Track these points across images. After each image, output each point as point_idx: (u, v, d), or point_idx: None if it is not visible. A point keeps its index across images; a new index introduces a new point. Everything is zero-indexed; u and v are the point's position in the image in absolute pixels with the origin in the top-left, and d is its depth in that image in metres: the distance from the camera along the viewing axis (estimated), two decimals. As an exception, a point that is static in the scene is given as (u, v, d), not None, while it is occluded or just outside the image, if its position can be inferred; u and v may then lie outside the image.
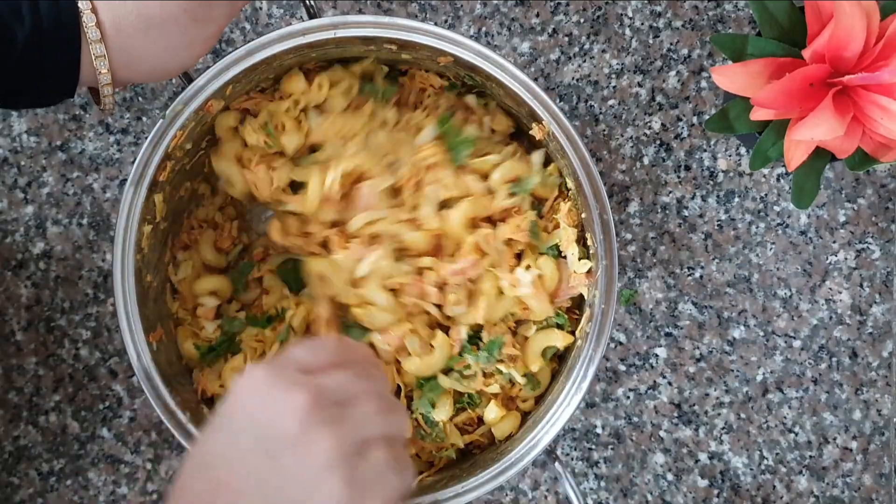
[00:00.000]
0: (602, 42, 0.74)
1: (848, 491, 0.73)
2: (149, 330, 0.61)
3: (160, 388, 0.60)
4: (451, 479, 0.61)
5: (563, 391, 0.61)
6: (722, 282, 0.73)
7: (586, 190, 0.61)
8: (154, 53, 0.53)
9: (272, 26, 0.74)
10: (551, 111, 0.61)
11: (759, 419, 0.73)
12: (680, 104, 0.74)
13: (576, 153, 0.61)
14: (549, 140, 0.62)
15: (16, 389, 0.72)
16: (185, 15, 0.52)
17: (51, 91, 0.53)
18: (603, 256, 0.60)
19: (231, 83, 0.61)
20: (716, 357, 0.73)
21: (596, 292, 0.61)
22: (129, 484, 0.72)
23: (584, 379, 0.60)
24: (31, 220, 0.73)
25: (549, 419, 0.61)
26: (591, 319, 0.61)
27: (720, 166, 0.74)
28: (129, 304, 0.60)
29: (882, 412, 0.73)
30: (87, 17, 0.51)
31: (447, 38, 0.61)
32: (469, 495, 0.60)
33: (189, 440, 0.61)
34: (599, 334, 0.60)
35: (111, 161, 0.73)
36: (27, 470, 0.72)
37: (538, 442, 0.60)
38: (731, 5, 0.74)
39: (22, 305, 0.73)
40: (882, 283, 0.73)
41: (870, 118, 0.57)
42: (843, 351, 0.73)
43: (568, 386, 0.61)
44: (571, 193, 0.65)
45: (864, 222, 0.73)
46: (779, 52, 0.59)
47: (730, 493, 0.73)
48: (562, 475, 0.61)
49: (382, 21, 0.61)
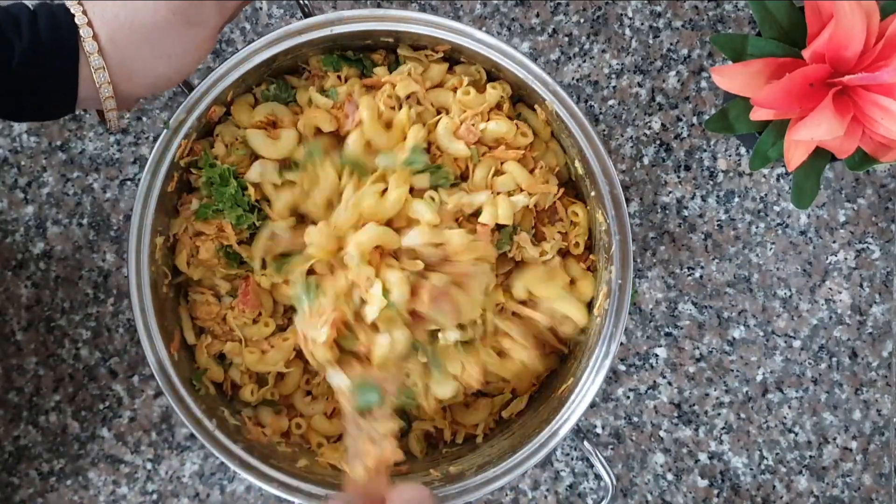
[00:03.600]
0: (602, 42, 0.74)
1: (848, 491, 0.73)
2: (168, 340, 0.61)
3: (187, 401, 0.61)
4: (481, 466, 0.61)
5: (586, 369, 0.61)
6: (722, 282, 0.73)
7: (594, 166, 0.61)
8: (152, 61, 0.53)
9: (272, 26, 0.74)
10: (553, 90, 0.61)
11: (759, 419, 0.73)
12: (680, 104, 0.74)
13: (581, 131, 0.61)
14: (553, 121, 0.62)
15: (16, 389, 0.72)
16: (176, 19, 0.52)
17: (50, 105, 0.53)
18: (616, 232, 0.61)
19: (231, 88, 0.61)
20: (716, 357, 0.73)
21: (612, 268, 0.61)
22: (129, 484, 0.72)
23: (607, 356, 0.61)
24: (32, 220, 0.73)
25: (575, 398, 0.61)
26: (608, 296, 0.61)
27: (720, 166, 0.74)
28: (147, 314, 0.61)
29: (882, 412, 0.73)
30: (83, 30, 0.51)
31: (446, 27, 0.61)
32: (501, 480, 0.60)
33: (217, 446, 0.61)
34: (619, 310, 0.61)
35: (111, 161, 0.73)
36: (27, 470, 0.72)
37: (567, 420, 0.61)
38: (731, 5, 0.74)
39: (22, 305, 0.73)
40: (882, 283, 0.73)
41: (870, 118, 0.57)
42: (842, 351, 0.73)
43: (591, 363, 0.61)
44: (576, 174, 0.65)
45: (864, 222, 0.73)
46: (779, 52, 0.59)
47: (730, 493, 0.73)
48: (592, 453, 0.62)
49: (378, 14, 0.61)
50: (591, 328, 0.64)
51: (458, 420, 0.67)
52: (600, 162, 0.61)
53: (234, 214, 0.63)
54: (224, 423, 0.62)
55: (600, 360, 0.61)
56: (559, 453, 0.73)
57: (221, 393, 0.66)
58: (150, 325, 0.61)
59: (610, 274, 0.61)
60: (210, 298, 0.65)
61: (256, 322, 0.65)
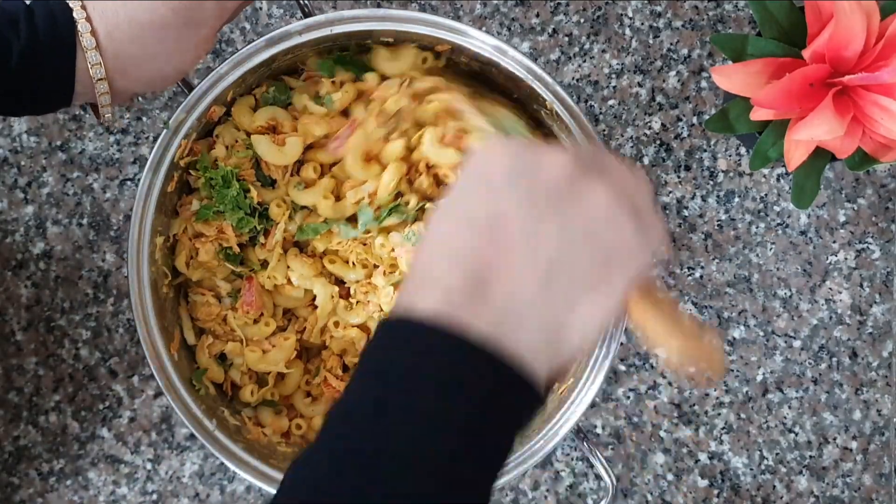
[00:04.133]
0: (602, 42, 0.74)
1: (848, 491, 0.73)
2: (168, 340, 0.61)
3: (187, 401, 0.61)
4: None
5: (586, 369, 0.61)
6: (722, 282, 0.73)
7: None
8: (149, 59, 0.53)
9: (272, 26, 0.74)
10: (554, 90, 0.61)
11: (759, 419, 0.73)
12: (680, 104, 0.74)
13: (582, 131, 0.61)
14: (554, 120, 0.62)
15: (16, 389, 0.72)
16: (175, 18, 0.52)
17: (47, 100, 0.53)
18: None
19: (232, 87, 0.61)
20: (716, 357, 0.73)
21: None
22: (129, 484, 0.72)
23: (607, 356, 0.61)
24: (31, 220, 0.73)
25: (575, 398, 0.61)
26: None
27: (720, 166, 0.74)
28: (147, 314, 0.61)
29: (882, 412, 0.73)
30: (81, 26, 0.51)
31: (446, 27, 0.61)
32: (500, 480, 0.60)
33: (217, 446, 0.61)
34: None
35: (111, 161, 0.73)
36: (27, 470, 0.72)
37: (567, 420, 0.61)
38: (731, 5, 0.74)
39: (22, 305, 0.73)
40: (882, 283, 0.73)
41: (870, 118, 0.57)
42: (843, 351, 0.73)
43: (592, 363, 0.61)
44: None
45: (865, 222, 0.73)
46: (779, 52, 0.59)
47: (730, 494, 0.73)
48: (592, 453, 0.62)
49: (378, 14, 0.61)
50: None
51: None
52: None
53: (235, 217, 0.63)
54: (224, 423, 0.62)
55: (600, 360, 0.61)
56: (559, 453, 0.73)
57: (221, 393, 0.66)
58: (150, 326, 0.61)
59: None
60: (210, 300, 0.65)
61: (258, 322, 0.65)
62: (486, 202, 0.39)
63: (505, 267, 0.38)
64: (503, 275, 0.38)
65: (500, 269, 0.38)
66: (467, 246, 0.39)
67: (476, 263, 0.38)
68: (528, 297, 0.38)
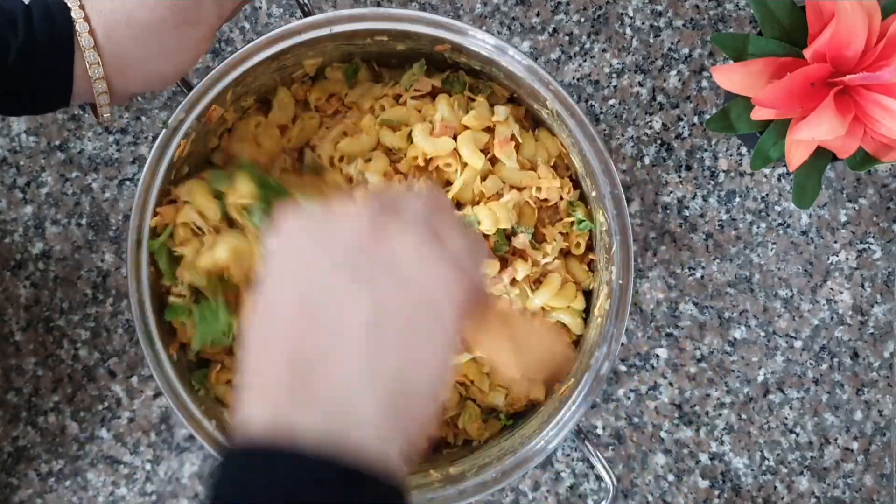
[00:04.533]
0: (603, 41, 0.74)
1: (849, 492, 0.72)
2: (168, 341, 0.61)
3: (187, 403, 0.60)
4: (482, 466, 0.61)
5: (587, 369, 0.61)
6: (723, 282, 0.73)
7: (595, 166, 0.60)
8: (148, 59, 0.53)
9: (272, 25, 0.74)
10: (554, 90, 0.61)
11: (760, 420, 0.73)
12: (681, 104, 0.74)
13: (582, 131, 0.60)
14: (553, 120, 0.62)
15: (15, 390, 0.72)
16: (174, 17, 0.52)
17: (46, 99, 0.53)
18: (617, 232, 0.60)
19: (231, 87, 0.61)
20: (717, 357, 0.73)
21: (613, 269, 0.61)
22: (128, 485, 0.72)
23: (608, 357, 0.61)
24: (30, 220, 0.73)
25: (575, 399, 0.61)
26: (609, 296, 0.61)
27: (721, 166, 0.74)
28: (146, 314, 0.61)
29: (883, 413, 0.73)
30: (79, 25, 0.51)
31: (446, 26, 0.61)
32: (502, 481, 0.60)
33: (216, 447, 0.61)
34: (620, 310, 0.60)
35: (110, 161, 0.73)
36: (26, 471, 0.72)
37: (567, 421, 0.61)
38: (732, 5, 0.74)
39: (21, 306, 0.73)
40: (883, 283, 0.73)
41: (871, 118, 0.57)
42: (844, 351, 0.73)
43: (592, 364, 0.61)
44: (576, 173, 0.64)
45: (866, 222, 0.73)
46: (780, 52, 0.59)
47: (731, 494, 0.72)
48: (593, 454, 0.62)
49: (378, 13, 0.61)
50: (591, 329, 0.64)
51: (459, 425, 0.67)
52: (601, 162, 0.61)
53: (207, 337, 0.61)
54: (223, 423, 0.62)
55: (601, 360, 0.61)
56: (560, 454, 0.73)
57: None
58: (150, 326, 0.61)
59: (611, 274, 0.61)
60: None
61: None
62: (291, 286, 0.38)
63: (327, 346, 0.36)
64: (328, 356, 0.36)
65: (322, 348, 0.36)
66: (284, 336, 0.37)
67: (297, 352, 0.36)
68: (354, 373, 0.36)
